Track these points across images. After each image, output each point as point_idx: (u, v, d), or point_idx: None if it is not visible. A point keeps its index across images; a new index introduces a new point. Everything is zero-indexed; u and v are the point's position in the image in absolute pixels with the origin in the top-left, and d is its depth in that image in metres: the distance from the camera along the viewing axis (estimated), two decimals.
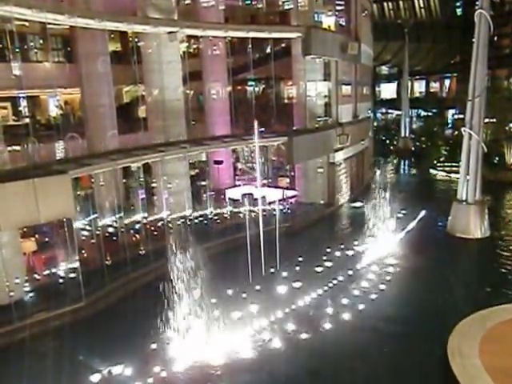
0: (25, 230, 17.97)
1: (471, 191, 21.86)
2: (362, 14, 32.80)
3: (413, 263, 19.04)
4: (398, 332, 14.11)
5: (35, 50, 25.73)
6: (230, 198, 25.62)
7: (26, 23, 19.01)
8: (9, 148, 17.53)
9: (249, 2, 31.45)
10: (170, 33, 21.38)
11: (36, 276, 17.57)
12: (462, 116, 31.02)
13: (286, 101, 33.18)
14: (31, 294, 16.53)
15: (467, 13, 51.62)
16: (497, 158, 35.10)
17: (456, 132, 42.83)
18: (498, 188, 30.09)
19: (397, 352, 13.17)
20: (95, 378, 12.35)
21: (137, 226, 21.58)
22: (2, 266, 15.21)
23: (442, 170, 37.83)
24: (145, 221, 21.36)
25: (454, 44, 55.40)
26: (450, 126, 50.68)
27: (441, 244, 21.40)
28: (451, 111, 52.30)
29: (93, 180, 19.05)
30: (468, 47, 22.20)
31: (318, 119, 28.38)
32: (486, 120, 25.36)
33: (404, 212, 24.65)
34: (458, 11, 58.82)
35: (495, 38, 47.88)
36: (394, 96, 61.46)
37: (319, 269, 18.52)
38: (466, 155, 21.88)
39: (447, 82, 61.70)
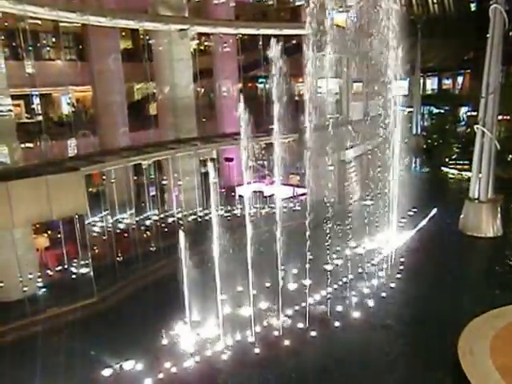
0: (37, 226, 18.19)
1: (483, 189, 21.63)
2: (374, 10, 32.52)
3: (422, 264, 18.88)
4: None
5: (47, 48, 25.94)
6: (240, 196, 25.63)
7: (39, 21, 19.20)
8: (22, 145, 17.74)
9: None
10: (181, 30, 21.43)
11: (48, 272, 17.80)
12: (474, 113, 30.60)
13: (296, 98, 33.09)
14: (44, 290, 16.75)
15: (482, 8, 50.86)
16: (510, 156, 34.60)
17: (469, 129, 42.30)
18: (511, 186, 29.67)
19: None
20: (105, 372, 12.50)
21: (147, 223, 21.71)
22: (16, 262, 15.43)
23: (453, 168, 37.44)
24: (155, 218, 21.49)
25: (468, 40, 54.59)
26: (462, 123, 50.07)
27: (452, 243, 21.18)
28: (464, 108, 51.63)
29: (104, 177, 19.23)
30: (482, 43, 21.89)
31: (329, 116, 28.24)
32: (500, 117, 24.99)
33: (415, 210, 24.44)
34: (472, 6, 58.00)
35: (510, 34, 47.09)
36: (406, 93, 60.74)
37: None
38: (478, 153, 21.62)
39: (460, 79, 60.94)
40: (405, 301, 16.18)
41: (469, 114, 48.89)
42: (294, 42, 29.40)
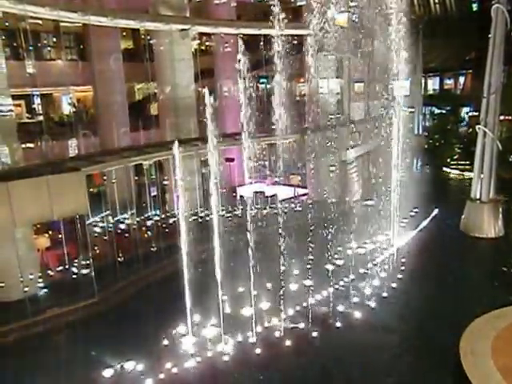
0: (38, 226, 18.17)
1: (485, 190, 21.58)
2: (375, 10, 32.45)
3: (424, 264, 18.80)
4: None
5: (48, 48, 25.90)
6: (241, 196, 25.59)
7: (40, 21, 19.20)
8: (23, 145, 17.72)
9: None
10: (182, 30, 21.42)
11: (49, 272, 17.78)
12: (476, 113, 30.50)
13: (297, 98, 33.02)
14: (45, 290, 16.72)
15: (483, 8, 50.70)
16: None
17: (470, 130, 42.23)
18: None
19: None
20: (106, 372, 12.47)
21: (148, 223, 21.68)
22: (17, 262, 15.41)
23: (455, 169, 37.36)
24: (156, 218, 21.46)
25: (470, 40, 54.49)
26: (464, 123, 49.99)
27: (453, 243, 21.10)
28: (465, 109, 51.55)
29: (105, 177, 19.22)
30: (484, 43, 21.86)
31: (330, 117, 28.19)
32: (502, 117, 24.95)
33: (416, 211, 24.37)
34: (474, 6, 57.87)
35: None
36: (408, 93, 60.54)
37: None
38: (480, 153, 21.59)
39: (462, 79, 60.85)
40: (406, 301, 16.11)
41: (470, 114, 48.80)
42: (295, 42, 29.29)
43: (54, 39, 25.37)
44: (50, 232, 19.17)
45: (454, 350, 12.24)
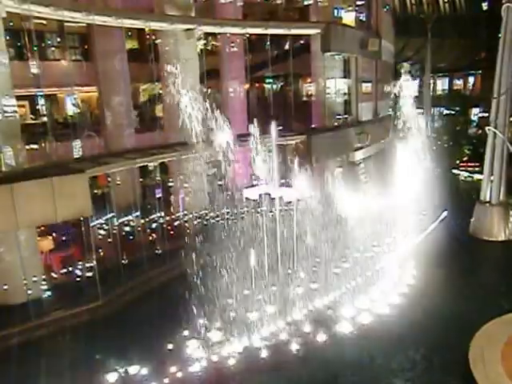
0: (42, 228, 18.07)
1: (495, 192, 21.33)
2: (383, 8, 32.19)
3: (432, 268, 18.48)
4: None
5: (52, 48, 25.84)
6: (247, 198, 25.37)
7: (44, 21, 19.15)
8: (27, 146, 17.62)
9: None
10: (188, 30, 21.29)
11: (53, 274, 17.69)
12: (486, 114, 30.17)
13: (304, 98, 32.79)
14: (48, 293, 16.62)
15: (493, 7, 50.21)
16: None
17: (480, 131, 41.83)
18: None
19: None
20: (110, 376, 12.35)
21: (153, 225, 21.55)
22: (20, 265, 15.33)
23: (464, 171, 37.00)
24: (161, 220, 21.32)
25: (479, 40, 54.08)
26: (473, 124, 49.54)
27: (462, 246, 20.81)
28: (475, 110, 51.12)
29: (110, 179, 19.10)
30: (494, 43, 21.61)
31: (338, 117, 27.96)
32: None
33: (425, 213, 24.09)
34: (484, 5, 57.36)
35: None
36: (416, 94, 60.17)
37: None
38: (490, 155, 21.39)
39: (471, 80, 60.36)
40: (415, 305, 15.80)
41: (480, 115, 48.39)
42: (302, 41, 29.10)
43: (58, 39, 25.29)
44: (54, 234, 19.07)
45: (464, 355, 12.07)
